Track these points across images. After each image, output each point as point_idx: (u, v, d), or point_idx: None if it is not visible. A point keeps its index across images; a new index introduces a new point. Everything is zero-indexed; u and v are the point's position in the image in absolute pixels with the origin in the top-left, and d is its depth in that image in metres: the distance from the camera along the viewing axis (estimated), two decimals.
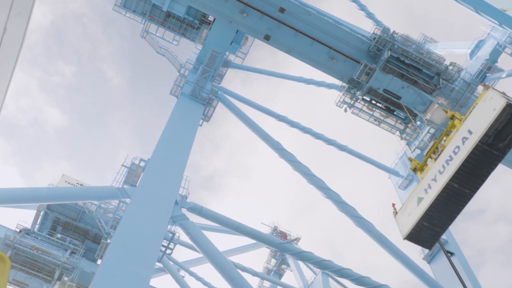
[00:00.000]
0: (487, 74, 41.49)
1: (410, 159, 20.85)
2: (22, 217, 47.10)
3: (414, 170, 20.21)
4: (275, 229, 55.49)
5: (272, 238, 39.87)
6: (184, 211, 28.42)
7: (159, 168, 27.36)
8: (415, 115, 37.49)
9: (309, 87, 46.74)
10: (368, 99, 38.38)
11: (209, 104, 37.37)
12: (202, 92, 36.59)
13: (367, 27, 45.91)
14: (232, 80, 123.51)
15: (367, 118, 39.50)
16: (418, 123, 38.10)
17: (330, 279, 42.38)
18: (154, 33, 39.92)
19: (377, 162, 50.14)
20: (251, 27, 35.56)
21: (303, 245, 54.21)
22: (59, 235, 45.48)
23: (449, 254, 36.79)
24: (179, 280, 37.00)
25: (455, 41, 48.33)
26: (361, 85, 37.32)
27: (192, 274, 40.78)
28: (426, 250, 41.54)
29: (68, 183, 48.69)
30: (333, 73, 38.11)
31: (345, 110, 39.24)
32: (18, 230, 43.41)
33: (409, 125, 38.79)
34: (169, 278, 38.93)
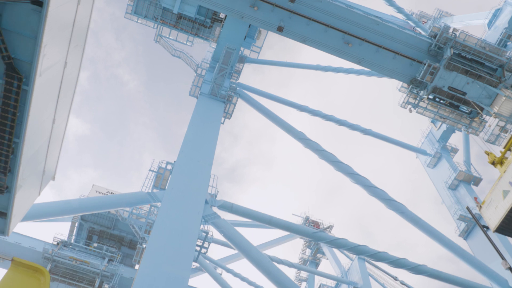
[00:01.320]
0: (508, 43, 40.68)
1: (487, 153, 20.75)
2: (58, 230, 48.05)
3: (493, 163, 20.13)
4: (307, 219, 55.43)
5: (305, 228, 39.87)
6: (214, 209, 28.65)
7: (186, 169, 27.59)
8: (481, 109, 37.09)
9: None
10: (432, 97, 38.13)
11: (229, 101, 37.47)
12: (221, 90, 36.70)
13: (379, 8, 45.51)
14: (243, 70, 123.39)
15: (432, 116, 39.26)
16: (484, 116, 37.62)
17: (366, 264, 42.20)
18: (168, 36, 40.17)
19: (403, 143, 49.72)
20: (263, 20, 35.47)
21: (335, 231, 54.17)
22: (95, 244, 46.27)
23: (485, 229, 36.24)
24: (216, 277, 37.33)
25: (470, 13, 47.52)
26: (424, 84, 37.17)
27: (229, 271, 41.07)
28: (462, 227, 41.11)
29: (99, 192, 49.47)
30: (349, 57, 37.80)
31: (410, 111, 39.20)
32: (55, 243, 44.31)
33: (475, 119, 38.32)
34: (207, 276, 39.33)
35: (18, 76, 12.76)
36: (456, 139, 49.23)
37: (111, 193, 49.82)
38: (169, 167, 29.20)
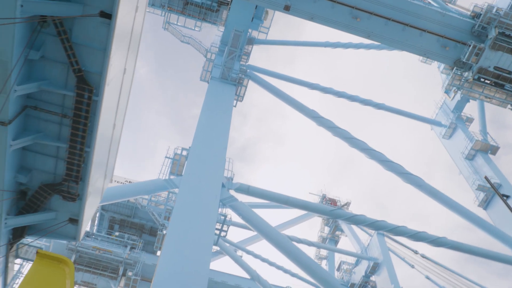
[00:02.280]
0: None
1: None
2: None
3: None
4: (323, 197, 55.51)
5: (322, 207, 40.00)
6: (231, 192, 28.83)
7: (202, 154, 27.74)
8: None
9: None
10: (477, 77, 37.72)
11: (240, 84, 37.41)
12: (231, 73, 36.63)
13: None
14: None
15: (477, 96, 38.90)
16: None
17: (386, 239, 42.27)
18: (176, 23, 40.07)
19: (417, 115, 49.30)
20: (269, 0, 35.17)
21: (352, 207, 54.18)
22: (117, 233, 46.94)
23: (504, 198, 36.04)
24: (237, 260, 37.73)
25: None
26: (468, 66, 36.79)
27: (249, 252, 41.45)
28: (481, 197, 40.89)
29: (117, 182, 50.02)
30: (358, 32, 37.39)
31: (454, 93, 38.89)
32: None
33: None
34: (228, 259, 39.74)
35: (89, 87, 13.17)
36: (471, 108, 48.70)
37: (129, 182, 50.36)
38: (184, 153, 29.39)
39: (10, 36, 11.16)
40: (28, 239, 17.10)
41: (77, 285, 42.15)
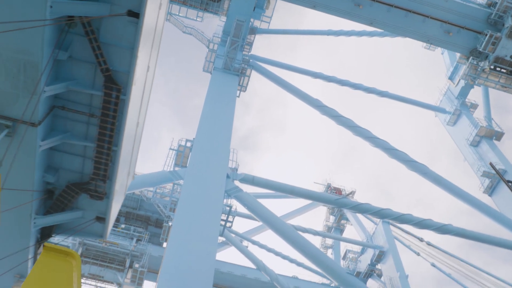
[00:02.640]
0: None
1: None
2: None
3: None
4: (328, 186, 55.50)
5: (327, 196, 40.02)
6: (236, 183, 28.84)
7: (206, 145, 27.73)
8: None
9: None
10: (493, 67, 37.49)
11: (243, 74, 37.28)
12: (234, 64, 36.50)
13: None
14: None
15: (493, 85, 38.77)
16: None
17: (391, 227, 42.28)
18: (177, 13, 39.89)
19: (421, 102, 49.14)
20: None
21: (357, 195, 54.16)
22: (123, 226, 47.09)
23: (510, 183, 35.92)
24: (243, 250, 37.83)
25: None
26: (484, 55, 36.51)
27: (254, 243, 41.56)
28: (486, 184, 40.80)
29: None
30: (360, 19, 37.15)
31: (471, 82, 38.70)
32: None
33: None
34: (234, 250, 39.87)
35: (117, 87, 13.22)
36: (475, 94, 48.45)
37: (134, 174, 50.37)
38: (188, 144, 29.37)
39: (40, 37, 11.18)
40: (55, 238, 17.25)
41: (84, 278, 42.39)
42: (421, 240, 39.80)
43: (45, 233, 16.29)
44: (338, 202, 34.55)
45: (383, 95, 45.83)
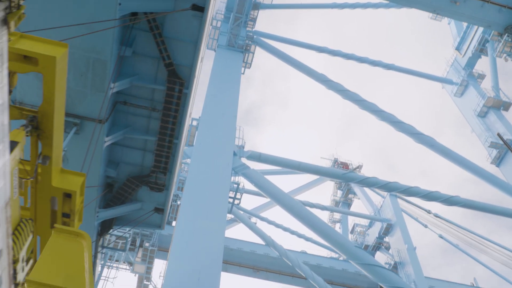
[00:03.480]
0: None
1: None
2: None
3: None
4: (335, 161, 55.52)
5: (334, 171, 40.01)
6: (243, 160, 28.89)
7: (212, 123, 27.71)
8: None
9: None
10: None
11: (247, 51, 37.00)
12: (238, 40, 36.20)
13: None
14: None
15: None
16: None
17: (398, 200, 42.38)
18: None
19: (428, 74, 48.73)
20: None
21: (363, 169, 54.16)
22: None
23: None
24: (252, 227, 38.10)
25: None
26: None
27: (263, 219, 41.83)
28: (493, 154, 40.61)
29: None
30: None
31: (505, 60, 38.20)
32: None
33: None
34: (242, 226, 40.18)
35: (180, 80, 13.34)
36: (482, 64, 47.91)
37: None
38: (194, 123, 29.37)
39: (110, 36, 11.22)
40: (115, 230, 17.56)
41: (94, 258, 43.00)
42: (428, 212, 39.89)
43: (105, 226, 16.50)
44: (345, 176, 34.58)
45: (389, 68, 45.44)
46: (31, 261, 5.94)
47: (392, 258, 38.49)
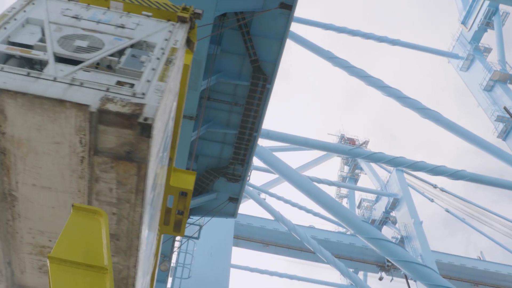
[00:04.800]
0: None
1: None
2: None
3: None
4: (342, 137, 55.75)
5: (341, 146, 40.35)
6: None
7: None
8: None
9: None
10: None
11: None
12: None
13: None
14: None
15: None
16: None
17: (405, 175, 42.73)
18: None
19: (434, 49, 48.56)
20: None
21: (371, 146, 54.45)
22: None
23: None
24: (261, 202, 38.58)
25: None
26: None
27: (272, 195, 42.30)
28: (500, 128, 40.66)
29: None
30: None
31: None
32: None
33: None
34: (252, 202, 40.74)
35: (264, 76, 13.95)
36: (488, 38, 47.60)
37: None
38: None
39: (207, 35, 11.64)
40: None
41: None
42: (435, 186, 40.24)
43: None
44: (352, 152, 34.92)
45: (395, 43, 45.26)
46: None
47: (399, 232, 39.03)
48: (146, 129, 4.69)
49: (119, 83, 5.30)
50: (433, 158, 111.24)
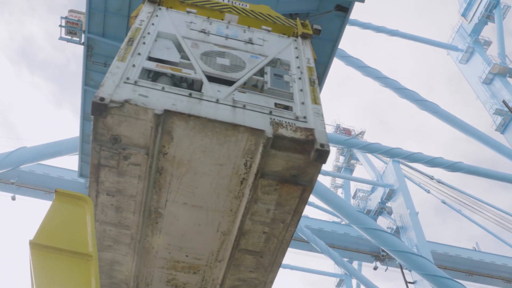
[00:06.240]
0: None
1: None
2: None
3: None
4: (338, 127, 55.52)
5: (337, 136, 40.09)
6: None
7: None
8: None
9: None
10: None
11: None
12: None
13: None
14: None
15: None
16: None
17: (401, 166, 42.54)
18: None
19: (433, 40, 48.19)
20: None
21: (367, 136, 54.20)
22: None
23: None
24: None
25: None
26: None
27: None
28: (498, 121, 40.51)
29: None
30: None
31: None
32: None
33: None
34: None
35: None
36: (488, 31, 47.29)
37: None
38: None
39: None
40: None
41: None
42: (431, 178, 40.09)
43: None
44: (347, 142, 34.63)
45: (394, 34, 44.85)
46: None
47: (394, 223, 38.92)
48: (323, 155, 4.96)
49: (277, 105, 5.46)
50: (426, 146, 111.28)
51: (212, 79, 5.74)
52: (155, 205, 5.61)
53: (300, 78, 6.11)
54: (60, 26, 12.99)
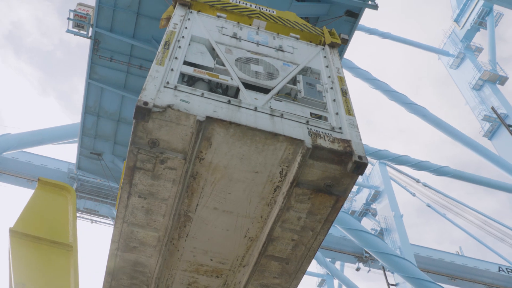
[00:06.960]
0: None
1: None
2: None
3: None
4: None
5: None
6: None
7: None
8: None
9: None
10: None
11: None
12: None
13: None
14: None
15: None
16: None
17: (388, 168, 42.64)
18: None
19: (424, 45, 48.31)
20: None
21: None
22: None
23: (511, 128, 35.87)
24: None
25: None
26: None
27: None
28: (486, 127, 40.76)
29: None
30: None
31: None
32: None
33: None
34: None
35: None
36: (480, 38, 47.56)
37: None
38: None
39: None
40: None
41: (80, 212, 42.87)
42: (417, 181, 40.25)
43: None
44: None
45: (385, 36, 44.88)
46: None
47: (379, 225, 39.00)
48: (361, 168, 4.96)
49: (312, 114, 5.53)
50: (410, 146, 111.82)
51: (246, 86, 5.77)
52: (185, 209, 5.69)
53: (332, 88, 6.15)
54: (68, 19, 12.83)
